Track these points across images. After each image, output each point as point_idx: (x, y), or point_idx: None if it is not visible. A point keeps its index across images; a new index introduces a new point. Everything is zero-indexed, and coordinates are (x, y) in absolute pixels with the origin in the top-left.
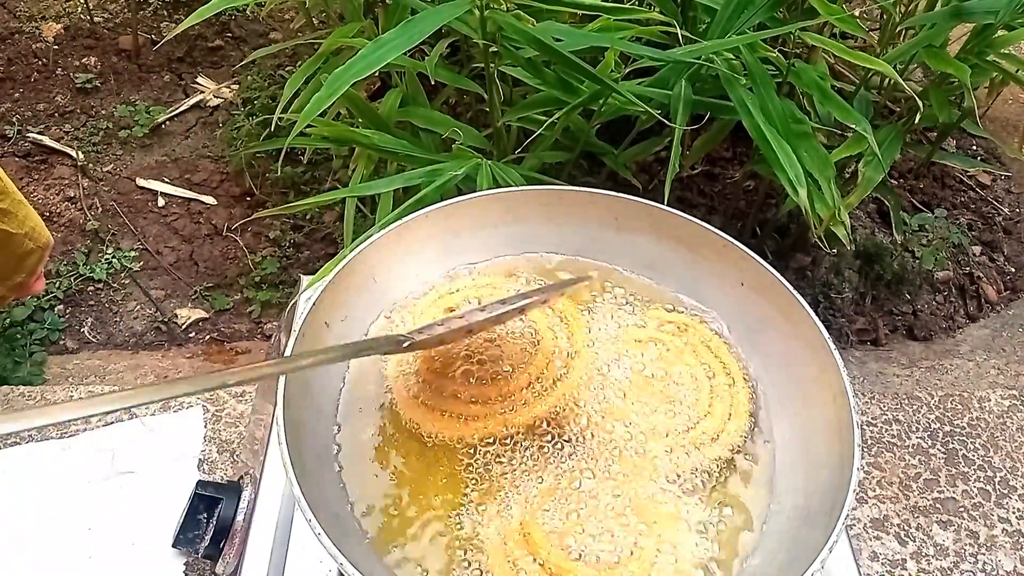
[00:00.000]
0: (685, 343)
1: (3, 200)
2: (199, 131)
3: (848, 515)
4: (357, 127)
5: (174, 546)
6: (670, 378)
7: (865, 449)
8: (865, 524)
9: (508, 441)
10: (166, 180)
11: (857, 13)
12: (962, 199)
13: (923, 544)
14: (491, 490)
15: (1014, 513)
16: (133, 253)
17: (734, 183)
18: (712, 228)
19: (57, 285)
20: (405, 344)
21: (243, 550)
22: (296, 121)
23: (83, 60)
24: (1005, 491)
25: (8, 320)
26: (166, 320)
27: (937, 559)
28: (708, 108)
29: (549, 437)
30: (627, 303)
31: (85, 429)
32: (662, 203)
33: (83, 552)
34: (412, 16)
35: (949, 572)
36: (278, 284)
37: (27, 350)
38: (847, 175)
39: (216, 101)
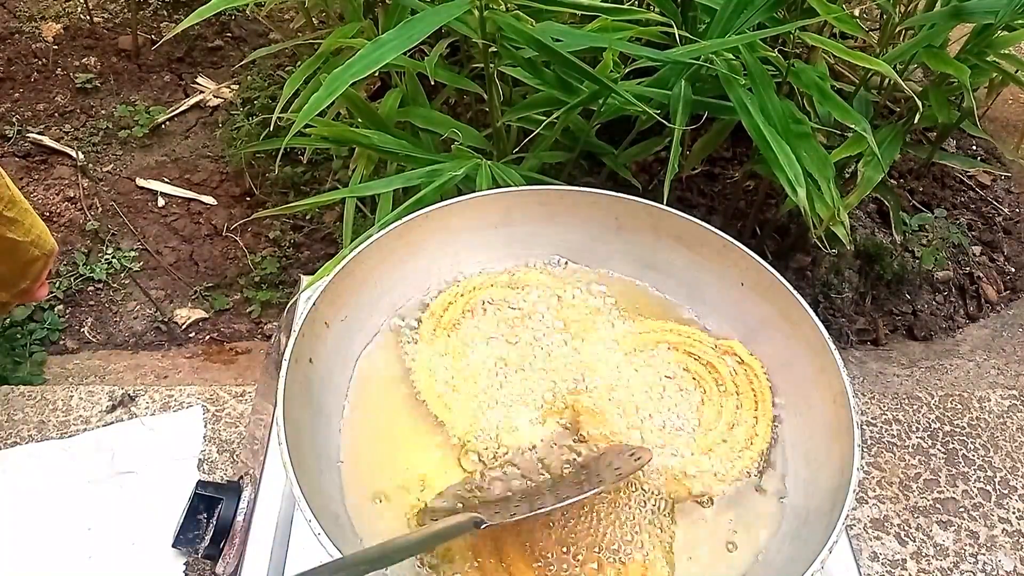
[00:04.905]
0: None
1: (10, 209)
2: (199, 131)
3: (848, 515)
4: (357, 127)
5: (174, 546)
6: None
7: (865, 449)
8: (865, 524)
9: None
10: (166, 180)
11: (857, 13)
12: (962, 199)
13: (923, 544)
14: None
15: (1014, 513)
16: (133, 253)
17: (734, 183)
18: (712, 228)
19: (57, 285)
20: (483, 526)
21: (243, 550)
22: (295, 121)
23: (83, 60)
24: (1005, 491)
25: (8, 320)
26: (166, 320)
27: (937, 559)
28: (708, 108)
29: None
30: None
31: (85, 429)
32: (662, 203)
33: (83, 552)
34: (411, 16)
35: (949, 572)
36: (278, 284)
37: (27, 350)
38: (847, 175)
39: (216, 101)
